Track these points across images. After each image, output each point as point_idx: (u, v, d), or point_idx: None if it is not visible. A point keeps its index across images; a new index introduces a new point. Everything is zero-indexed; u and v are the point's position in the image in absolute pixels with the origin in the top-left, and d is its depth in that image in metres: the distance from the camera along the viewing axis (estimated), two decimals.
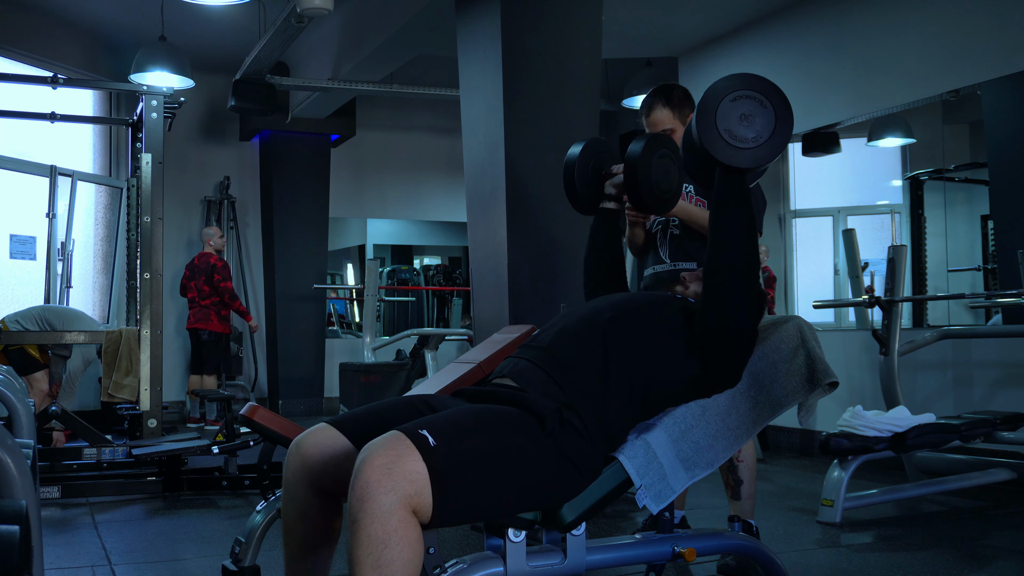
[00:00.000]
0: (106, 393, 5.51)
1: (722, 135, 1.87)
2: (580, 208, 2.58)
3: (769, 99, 1.90)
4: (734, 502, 2.99)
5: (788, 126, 1.89)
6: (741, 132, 1.88)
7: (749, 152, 1.88)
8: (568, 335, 1.98)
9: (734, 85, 1.90)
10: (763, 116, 1.89)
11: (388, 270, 12.77)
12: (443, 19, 5.67)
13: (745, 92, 1.90)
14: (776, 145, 1.88)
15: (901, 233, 7.38)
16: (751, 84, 1.91)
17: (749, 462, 2.98)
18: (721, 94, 1.90)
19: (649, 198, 2.32)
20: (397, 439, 1.59)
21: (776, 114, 1.89)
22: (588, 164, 2.54)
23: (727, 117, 1.88)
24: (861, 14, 5.81)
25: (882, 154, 7.83)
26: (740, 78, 1.93)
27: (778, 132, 1.88)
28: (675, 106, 3.06)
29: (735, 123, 1.88)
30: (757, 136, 1.88)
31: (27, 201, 6.96)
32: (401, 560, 1.53)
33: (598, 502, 1.85)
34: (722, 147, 1.87)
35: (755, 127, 1.88)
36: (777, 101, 1.90)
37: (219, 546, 3.33)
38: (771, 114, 1.89)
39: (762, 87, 1.91)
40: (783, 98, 1.91)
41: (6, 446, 1.42)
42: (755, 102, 1.89)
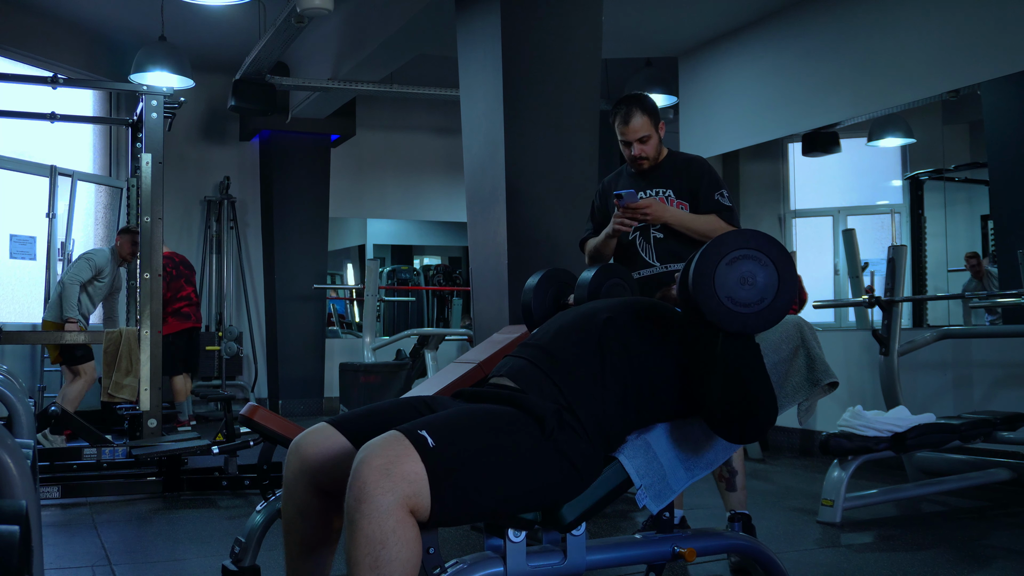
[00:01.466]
0: (106, 393, 5.50)
1: (724, 303, 1.76)
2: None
3: (767, 254, 1.79)
4: (730, 494, 2.99)
5: (792, 279, 1.79)
6: (744, 296, 1.77)
7: (755, 316, 1.78)
8: (565, 335, 1.98)
9: (728, 246, 1.80)
10: (764, 275, 1.78)
11: (388, 270, 12.77)
12: (443, 19, 5.67)
13: (742, 252, 1.79)
14: (783, 304, 1.78)
15: (901, 233, 7.38)
16: (746, 242, 1.80)
17: (739, 451, 2.99)
18: (716, 258, 1.78)
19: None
20: (396, 439, 1.59)
21: (778, 269, 1.79)
22: (547, 294, 2.55)
23: (727, 283, 1.77)
24: (861, 14, 5.81)
25: (882, 154, 7.83)
26: (733, 237, 1.82)
27: (783, 290, 1.78)
28: (650, 113, 3.17)
29: (736, 288, 1.77)
30: (762, 299, 1.78)
31: (27, 201, 6.97)
32: (399, 560, 1.53)
33: (598, 502, 1.85)
34: (727, 315, 1.77)
35: (758, 288, 1.78)
36: (776, 254, 1.80)
37: (219, 546, 3.33)
38: (772, 271, 1.79)
39: (757, 243, 1.80)
40: (781, 250, 1.81)
41: (6, 446, 1.42)
42: (754, 261, 1.79)
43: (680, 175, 3.16)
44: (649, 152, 3.16)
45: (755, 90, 6.49)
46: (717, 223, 3.06)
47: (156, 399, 5.06)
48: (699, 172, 3.15)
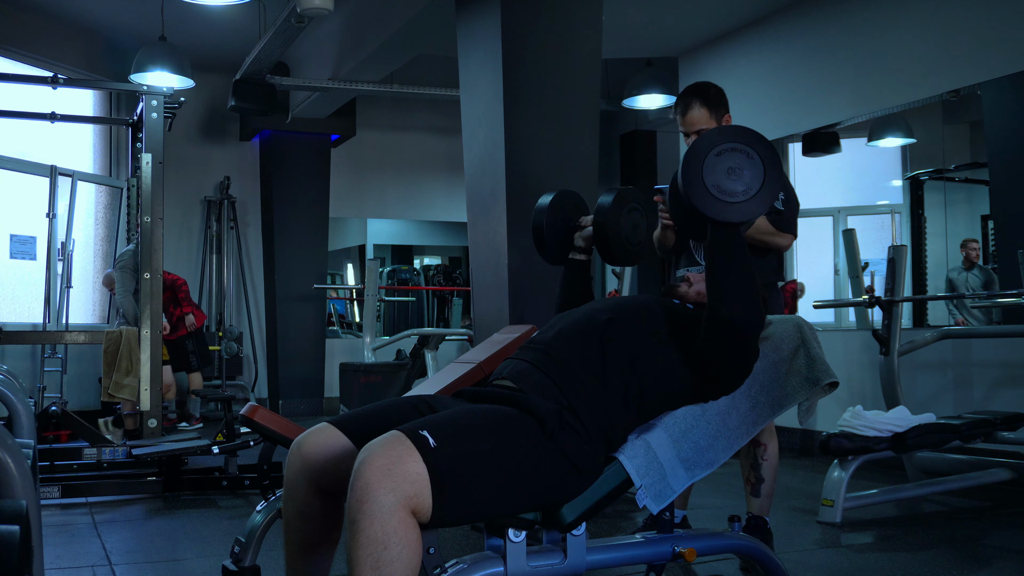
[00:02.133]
0: (106, 393, 5.51)
1: (711, 191, 1.82)
2: (549, 259, 2.58)
3: (755, 149, 1.84)
4: (752, 499, 2.99)
5: (777, 174, 1.85)
6: (730, 186, 1.82)
7: (740, 206, 1.83)
8: (566, 337, 1.99)
9: (717, 139, 1.85)
10: (751, 168, 1.84)
11: (388, 270, 12.77)
12: (443, 19, 5.67)
13: (730, 145, 1.84)
14: (768, 196, 1.83)
15: (901, 233, 7.38)
16: (735, 136, 1.86)
17: (773, 462, 2.98)
18: (705, 149, 1.84)
19: (618, 252, 2.36)
20: (397, 439, 1.59)
21: (764, 164, 1.84)
22: (557, 216, 2.54)
23: (714, 172, 1.83)
24: (861, 14, 5.81)
25: (882, 154, 7.83)
26: (722, 131, 1.87)
27: (768, 182, 1.83)
28: (712, 106, 3.01)
29: (723, 177, 1.83)
30: (747, 189, 1.83)
31: (27, 201, 6.97)
32: (400, 560, 1.53)
33: (598, 502, 1.85)
34: (712, 203, 1.82)
35: (744, 180, 1.83)
36: (763, 150, 1.85)
37: (219, 546, 3.33)
38: (759, 165, 1.84)
39: (746, 138, 1.85)
40: (769, 146, 1.86)
41: (6, 446, 1.42)
42: (741, 154, 1.84)
43: None
44: None
45: (755, 90, 6.49)
46: (764, 226, 2.97)
47: (156, 399, 5.07)
48: None
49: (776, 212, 2.98)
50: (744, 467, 3.01)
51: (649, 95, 7.43)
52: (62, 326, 6.66)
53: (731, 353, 1.94)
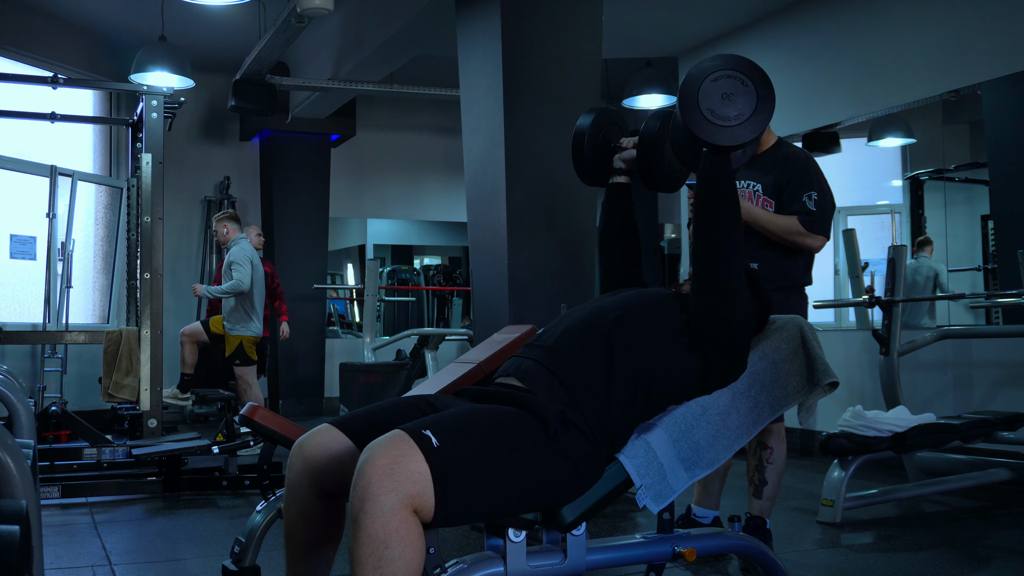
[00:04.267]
0: (106, 393, 5.51)
1: (704, 114, 1.87)
2: (588, 179, 2.53)
3: (750, 78, 1.90)
4: (754, 500, 2.98)
5: (769, 104, 1.90)
6: (723, 111, 1.87)
7: (731, 130, 1.88)
8: (573, 335, 1.98)
9: (715, 65, 1.91)
10: (744, 95, 1.89)
11: (388, 270, 12.77)
12: (443, 19, 5.67)
13: (726, 72, 1.90)
14: (758, 123, 1.88)
15: (901, 233, 7.38)
16: (732, 64, 1.91)
17: (779, 466, 2.96)
18: (703, 74, 1.90)
19: (662, 177, 2.35)
20: (400, 439, 1.59)
21: (757, 93, 1.89)
22: (598, 135, 2.49)
23: (709, 96, 1.88)
24: (861, 14, 5.81)
25: (882, 154, 7.83)
26: (721, 58, 1.93)
27: (759, 110, 1.89)
28: None
29: (717, 102, 1.88)
30: (739, 114, 1.88)
31: (27, 201, 6.97)
32: (402, 560, 1.53)
33: (598, 502, 1.85)
34: (705, 126, 1.87)
35: (737, 106, 1.88)
36: (758, 79, 1.90)
37: (219, 546, 3.33)
38: (752, 93, 1.89)
39: (742, 67, 1.91)
40: (764, 77, 1.92)
41: (6, 446, 1.42)
42: (736, 81, 1.89)
43: (773, 170, 3.01)
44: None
45: None
46: (795, 227, 2.93)
47: (156, 399, 5.06)
48: (792, 170, 2.98)
49: (807, 212, 2.94)
50: (749, 468, 3.01)
51: (649, 95, 7.43)
52: (62, 326, 6.66)
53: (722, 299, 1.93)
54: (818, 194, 2.96)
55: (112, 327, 6.92)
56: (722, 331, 1.96)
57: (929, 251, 6.91)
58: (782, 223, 2.93)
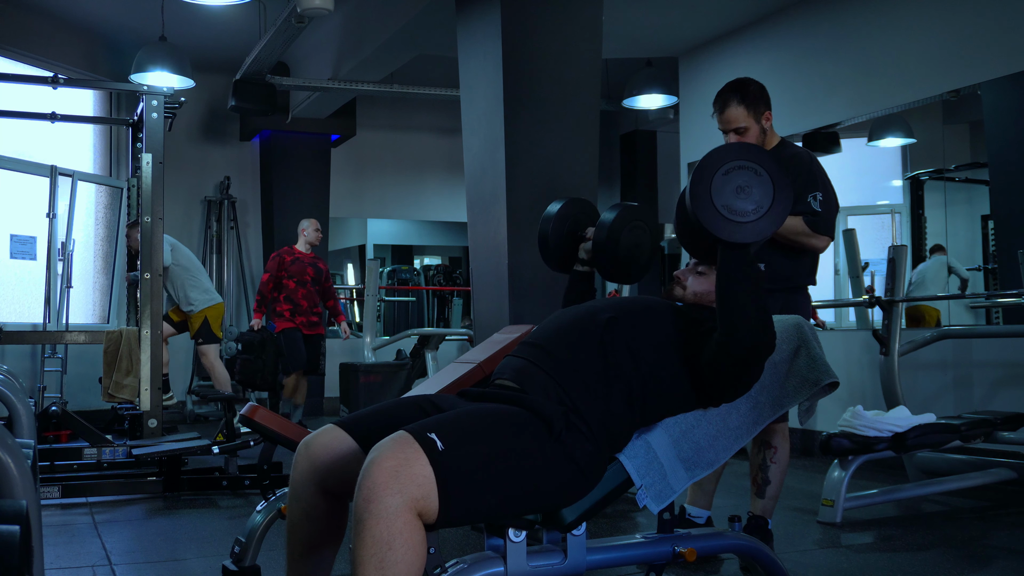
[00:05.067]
0: (106, 393, 5.51)
1: (720, 211, 1.78)
2: (553, 266, 2.56)
3: (763, 166, 1.81)
4: (756, 499, 2.97)
5: (788, 193, 1.81)
6: (740, 206, 1.78)
7: (751, 225, 1.79)
8: (566, 335, 1.98)
9: (724, 157, 1.82)
10: (760, 186, 1.80)
11: (388, 270, 12.77)
12: (443, 19, 5.67)
13: (737, 163, 1.81)
14: (779, 215, 1.80)
15: (901, 233, 7.38)
16: (742, 154, 1.82)
17: (782, 465, 2.96)
18: (712, 168, 1.80)
19: (613, 270, 2.35)
20: (405, 441, 1.60)
21: (773, 181, 1.80)
22: (564, 225, 2.52)
23: (722, 192, 1.79)
24: (861, 14, 5.81)
25: (882, 154, 7.83)
26: (729, 149, 1.84)
27: (778, 200, 1.80)
28: (750, 104, 2.95)
29: (732, 197, 1.79)
30: (757, 208, 1.79)
31: (27, 201, 6.96)
32: (405, 562, 1.53)
33: (599, 502, 1.85)
34: (723, 224, 1.78)
35: (754, 198, 1.79)
36: (771, 167, 1.81)
37: (219, 546, 3.33)
38: (768, 182, 1.80)
39: (753, 155, 1.82)
40: (777, 163, 1.83)
41: (6, 446, 1.42)
42: (749, 172, 1.80)
43: None
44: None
45: None
46: (800, 227, 2.92)
47: (156, 399, 5.06)
48: (797, 171, 2.94)
49: (813, 213, 2.93)
50: (752, 467, 3.00)
51: (649, 95, 7.43)
52: (62, 326, 6.66)
53: (738, 373, 1.91)
54: (823, 195, 2.95)
55: (112, 327, 6.92)
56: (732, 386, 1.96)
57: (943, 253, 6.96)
58: (788, 224, 2.92)
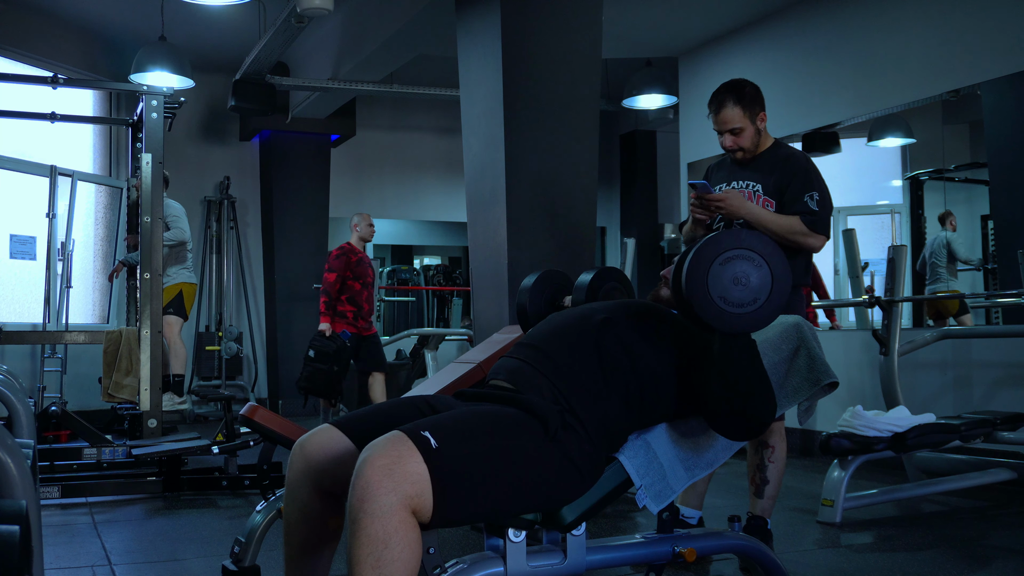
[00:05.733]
0: (106, 393, 5.51)
1: (717, 303, 1.76)
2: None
3: (761, 254, 1.79)
4: (755, 499, 2.97)
5: (786, 279, 1.80)
6: (737, 296, 1.77)
7: (750, 316, 1.78)
8: (561, 336, 1.98)
9: (722, 246, 1.80)
10: (758, 275, 1.78)
11: (388, 270, 12.77)
12: (443, 19, 5.67)
13: (736, 252, 1.79)
14: (776, 303, 1.78)
15: (901, 233, 7.38)
16: (740, 242, 1.80)
17: (780, 464, 2.96)
18: (709, 258, 1.78)
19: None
20: (399, 440, 1.60)
21: (771, 269, 1.79)
22: (542, 297, 2.55)
23: (720, 283, 1.77)
24: (861, 14, 5.81)
25: (882, 154, 7.83)
26: (727, 236, 1.82)
27: (776, 289, 1.78)
28: (746, 104, 2.98)
29: (729, 288, 1.77)
30: (755, 298, 1.77)
31: (27, 201, 6.97)
32: (401, 560, 1.53)
33: (598, 502, 1.85)
34: (720, 315, 1.77)
35: (751, 289, 1.77)
36: (770, 254, 1.80)
37: (219, 546, 3.33)
38: (766, 270, 1.79)
39: (750, 242, 1.80)
40: (775, 250, 1.81)
41: (6, 446, 1.42)
42: (747, 261, 1.78)
43: (774, 171, 3.00)
44: (743, 143, 3.00)
45: None
46: (797, 226, 2.92)
47: (156, 399, 5.06)
48: (793, 170, 2.96)
49: (810, 212, 2.93)
50: (750, 467, 3.00)
51: (649, 95, 7.43)
52: (62, 326, 6.66)
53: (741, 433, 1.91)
54: (819, 194, 2.96)
55: (112, 327, 6.92)
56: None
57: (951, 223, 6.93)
58: (785, 223, 2.93)
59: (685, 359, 1.95)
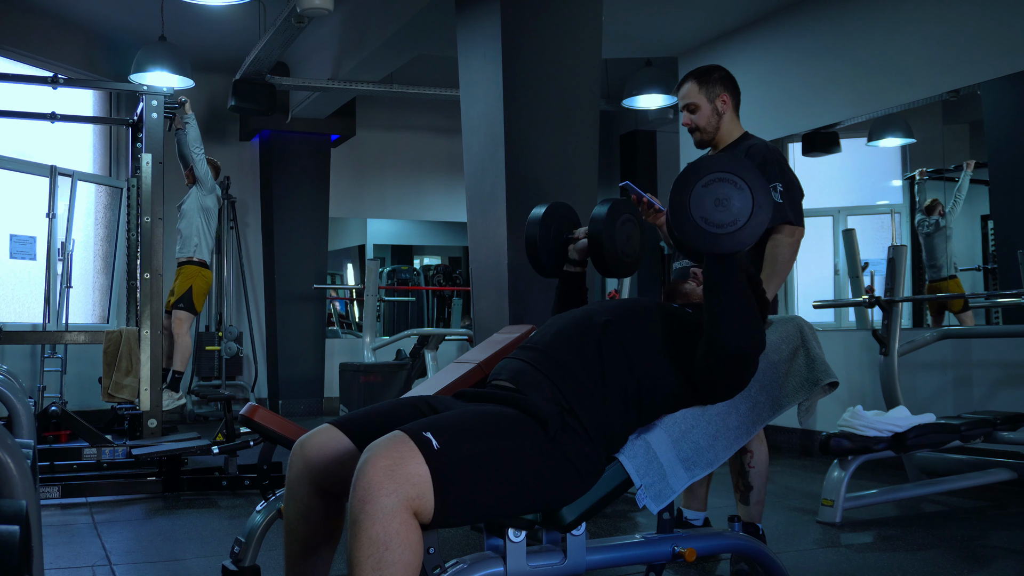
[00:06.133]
0: (106, 393, 5.51)
1: (698, 223, 1.80)
2: (543, 271, 2.56)
3: (743, 178, 1.82)
4: (742, 506, 2.94)
5: (767, 204, 1.83)
6: (718, 217, 1.80)
7: (729, 237, 1.81)
8: (565, 338, 1.98)
9: (704, 170, 1.84)
10: (739, 198, 1.81)
11: (388, 270, 12.77)
12: (443, 19, 5.67)
13: (717, 175, 1.82)
14: (757, 225, 1.81)
15: (901, 233, 7.38)
16: (722, 166, 1.84)
17: (761, 469, 2.93)
18: (692, 181, 1.83)
19: (613, 264, 2.35)
20: (400, 440, 1.60)
21: (753, 194, 1.82)
22: (550, 229, 2.53)
23: (701, 204, 1.81)
24: (861, 14, 5.81)
25: (882, 154, 7.83)
26: (710, 161, 1.85)
27: (757, 212, 1.81)
28: (704, 83, 3.00)
29: (710, 209, 1.81)
30: (735, 220, 1.81)
31: (27, 201, 6.97)
32: (402, 562, 1.53)
33: (598, 502, 1.85)
34: (700, 235, 1.81)
35: (732, 211, 1.81)
36: (752, 179, 1.82)
37: (219, 546, 3.33)
38: (747, 195, 1.82)
39: (733, 167, 1.83)
40: (757, 175, 1.84)
41: (6, 446, 1.42)
42: (728, 184, 1.82)
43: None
44: (698, 122, 3.00)
45: (755, 90, 6.49)
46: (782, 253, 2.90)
47: (156, 399, 5.06)
48: (755, 162, 2.89)
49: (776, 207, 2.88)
50: (733, 474, 2.95)
51: (649, 95, 7.43)
52: (62, 326, 6.66)
53: (729, 374, 1.92)
54: (783, 184, 2.92)
55: (112, 327, 6.92)
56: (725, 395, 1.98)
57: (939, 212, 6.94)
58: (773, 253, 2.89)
59: (686, 358, 1.95)
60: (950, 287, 6.72)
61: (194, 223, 6.65)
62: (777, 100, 6.39)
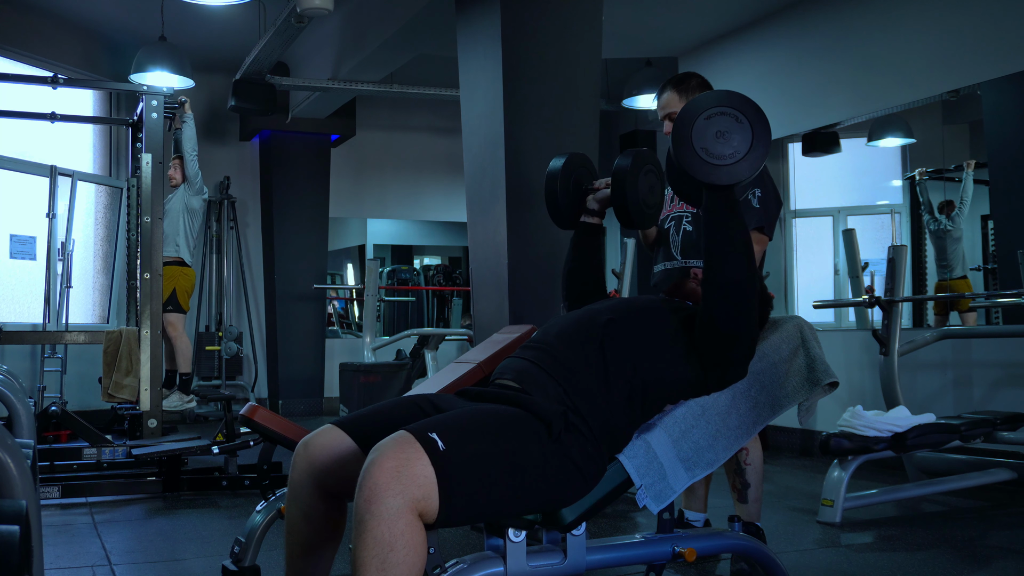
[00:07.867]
0: (106, 393, 5.51)
1: (699, 153, 1.85)
2: (561, 222, 2.56)
3: (744, 114, 1.86)
4: (740, 505, 2.95)
5: (766, 139, 1.86)
6: (718, 149, 1.85)
7: (727, 169, 1.85)
8: (567, 337, 1.98)
9: (708, 103, 1.88)
10: (740, 132, 1.86)
11: (388, 270, 12.77)
12: (443, 19, 5.67)
13: (719, 109, 1.87)
14: (755, 160, 1.85)
15: (901, 233, 7.39)
16: (725, 100, 1.88)
17: (756, 466, 2.94)
18: (695, 112, 1.87)
19: (636, 213, 2.35)
20: (406, 441, 1.59)
21: (753, 129, 1.86)
22: (569, 179, 2.52)
23: (702, 135, 1.85)
24: (861, 14, 5.81)
25: (882, 154, 7.84)
26: (714, 95, 1.90)
27: (756, 147, 1.85)
28: (683, 91, 3.04)
29: (711, 141, 1.85)
30: (734, 152, 1.85)
31: (27, 201, 6.97)
32: (406, 564, 1.53)
33: (598, 502, 1.85)
34: (699, 166, 1.85)
35: (732, 144, 1.85)
36: (753, 115, 1.86)
37: (219, 546, 3.33)
38: (747, 129, 1.86)
39: (736, 102, 1.87)
40: (759, 112, 1.88)
41: (6, 446, 1.42)
42: (730, 118, 1.86)
43: None
44: None
45: (755, 90, 6.47)
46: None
47: (156, 399, 5.06)
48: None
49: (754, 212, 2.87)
50: (728, 474, 2.96)
51: (649, 95, 7.43)
52: (62, 326, 6.66)
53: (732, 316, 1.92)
54: (762, 191, 2.91)
55: (112, 327, 6.92)
56: (729, 352, 1.97)
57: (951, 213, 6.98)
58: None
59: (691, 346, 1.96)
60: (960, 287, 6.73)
61: (178, 223, 6.67)
62: (777, 100, 6.38)
